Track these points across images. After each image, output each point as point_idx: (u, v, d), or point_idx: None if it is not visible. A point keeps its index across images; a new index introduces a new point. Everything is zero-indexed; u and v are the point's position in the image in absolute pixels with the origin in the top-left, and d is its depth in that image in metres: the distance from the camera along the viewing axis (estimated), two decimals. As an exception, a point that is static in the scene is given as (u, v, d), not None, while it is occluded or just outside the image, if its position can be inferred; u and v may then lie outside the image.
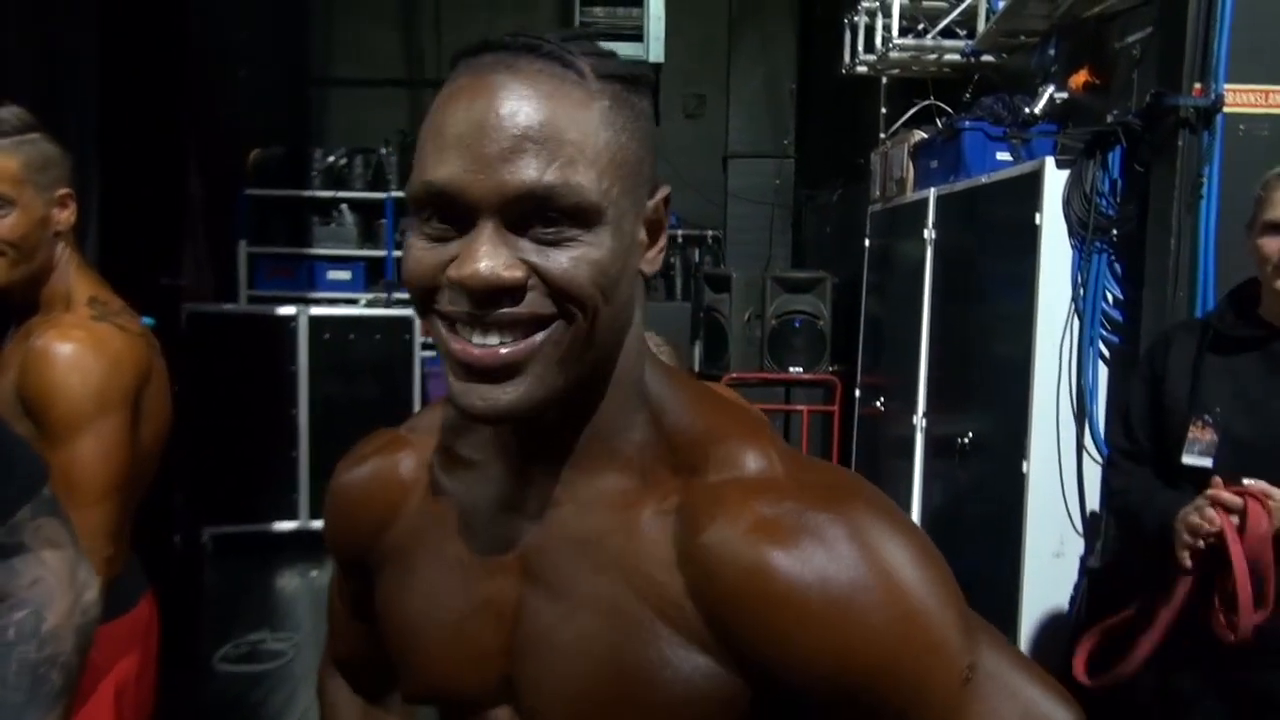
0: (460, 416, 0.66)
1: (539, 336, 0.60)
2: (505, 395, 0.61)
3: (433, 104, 0.63)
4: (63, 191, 1.48)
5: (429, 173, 0.60)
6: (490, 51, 0.62)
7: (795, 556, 0.59)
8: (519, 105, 0.59)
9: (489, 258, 0.58)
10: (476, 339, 0.60)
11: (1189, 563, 1.73)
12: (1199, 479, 1.77)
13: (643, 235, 0.66)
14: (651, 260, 0.67)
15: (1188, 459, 1.79)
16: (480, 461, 0.74)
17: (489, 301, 0.59)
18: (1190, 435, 1.79)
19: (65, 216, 1.49)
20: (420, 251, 0.62)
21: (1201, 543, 1.70)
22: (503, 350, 0.60)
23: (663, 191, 0.68)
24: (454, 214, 0.60)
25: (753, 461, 0.65)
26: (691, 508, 0.64)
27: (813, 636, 0.59)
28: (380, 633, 0.78)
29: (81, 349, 1.39)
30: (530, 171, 0.58)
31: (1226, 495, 1.68)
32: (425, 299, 0.62)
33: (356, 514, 0.80)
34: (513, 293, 0.59)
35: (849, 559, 0.59)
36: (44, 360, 1.37)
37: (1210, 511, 1.69)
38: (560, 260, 0.59)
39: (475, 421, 0.63)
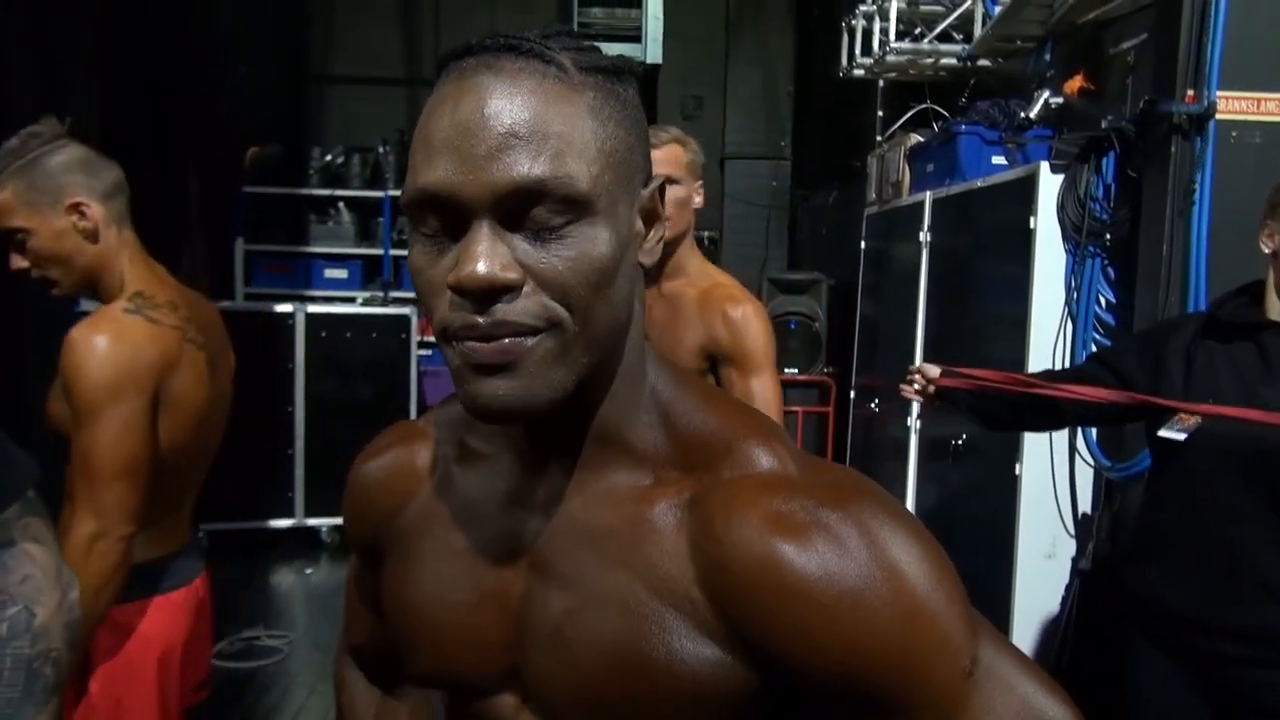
0: (472, 419, 0.67)
1: (530, 341, 0.61)
2: (511, 390, 0.61)
3: (422, 112, 0.64)
4: (70, 201, 1.55)
5: (420, 178, 0.60)
6: (472, 54, 0.62)
7: (807, 551, 0.61)
8: (502, 104, 0.59)
9: (485, 258, 0.59)
10: (480, 346, 0.61)
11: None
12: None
13: (639, 225, 0.67)
14: (649, 251, 0.68)
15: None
16: (491, 454, 0.75)
17: (487, 300, 0.59)
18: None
19: (83, 225, 1.56)
20: (421, 262, 0.63)
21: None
22: (506, 342, 0.60)
23: (657, 180, 0.68)
24: (448, 217, 0.61)
25: (765, 460, 0.66)
26: (705, 502, 0.65)
27: (822, 629, 0.60)
28: (385, 616, 0.80)
29: (101, 338, 1.48)
30: (519, 167, 0.58)
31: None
32: (439, 328, 0.63)
33: (373, 501, 0.81)
34: (509, 292, 0.60)
35: (859, 555, 0.60)
36: (69, 349, 1.48)
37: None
38: (554, 262, 0.60)
39: (486, 421, 0.64)
